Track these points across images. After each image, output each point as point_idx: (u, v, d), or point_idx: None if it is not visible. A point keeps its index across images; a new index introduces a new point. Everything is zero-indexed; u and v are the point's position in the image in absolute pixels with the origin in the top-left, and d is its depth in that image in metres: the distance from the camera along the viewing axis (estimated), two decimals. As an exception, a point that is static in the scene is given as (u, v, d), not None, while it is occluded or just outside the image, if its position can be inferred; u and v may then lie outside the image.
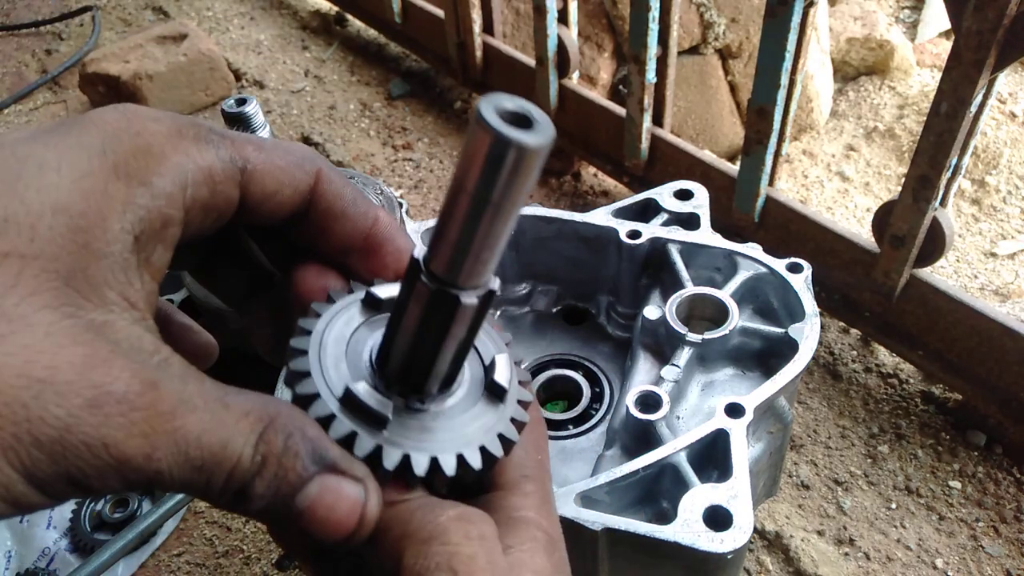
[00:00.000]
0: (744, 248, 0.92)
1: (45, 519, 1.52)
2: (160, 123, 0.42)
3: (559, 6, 1.98)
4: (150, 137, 0.41)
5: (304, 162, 0.48)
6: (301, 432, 0.41)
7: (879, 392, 1.67)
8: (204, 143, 0.43)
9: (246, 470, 0.39)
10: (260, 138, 0.48)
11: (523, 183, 0.37)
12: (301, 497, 0.40)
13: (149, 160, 0.40)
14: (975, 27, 1.21)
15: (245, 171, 0.45)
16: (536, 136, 0.35)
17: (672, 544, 0.67)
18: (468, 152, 0.36)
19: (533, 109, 0.37)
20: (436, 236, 0.40)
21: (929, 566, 1.40)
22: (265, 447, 0.40)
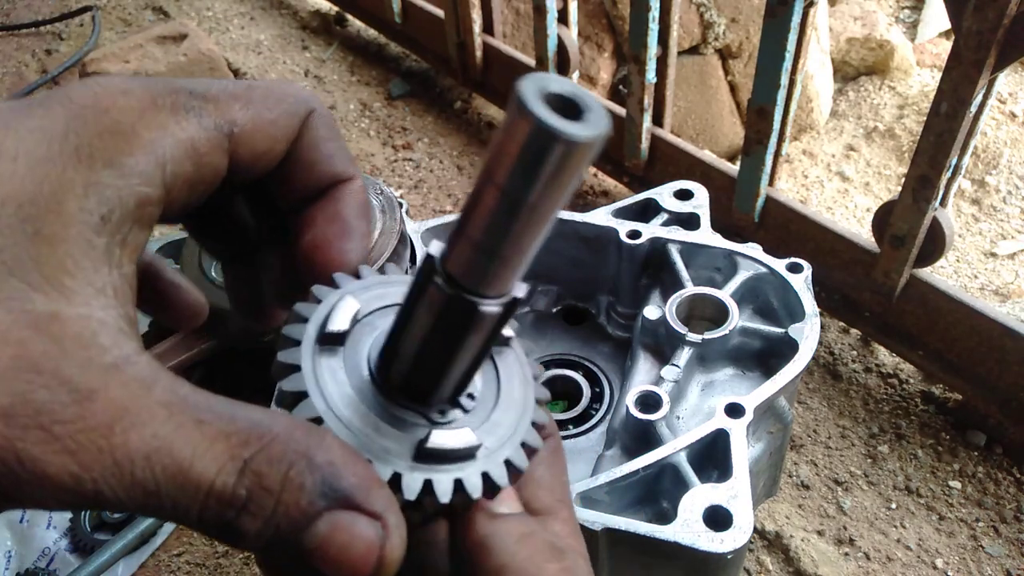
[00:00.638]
0: (744, 248, 0.93)
1: (45, 519, 1.52)
2: (131, 96, 0.38)
3: (559, 6, 1.98)
4: (119, 114, 0.37)
5: (296, 106, 0.43)
6: (307, 460, 0.34)
7: (879, 392, 1.67)
8: (184, 112, 0.39)
9: (226, 504, 0.33)
10: (246, 85, 0.43)
11: (567, 182, 0.32)
12: (308, 536, 0.34)
13: (118, 140, 0.37)
14: (975, 27, 1.21)
15: (232, 135, 0.41)
16: (587, 128, 0.29)
17: (672, 544, 0.67)
18: (503, 140, 0.30)
19: (584, 94, 0.31)
20: (457, 233, 0.34)
21: (929, 566, 1.40)
22: (254, 479, 0.33)
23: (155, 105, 0.38)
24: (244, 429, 0.34)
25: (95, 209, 0.35)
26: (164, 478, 0.33)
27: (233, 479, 0.33)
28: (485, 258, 0.34)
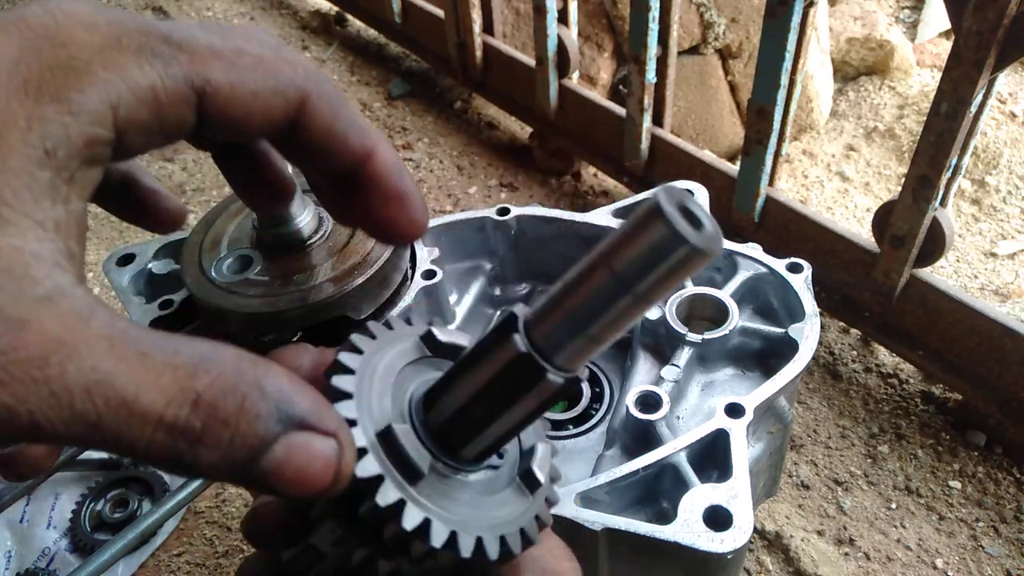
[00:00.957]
0: (744, 248, 0.92)
1: (45, 519, 1.52)
2: (94, 32, 0.36)
3: (559, 6, 1.98)
4: (76, 49, 0.36)
5: (287, 89, 0.41)
6: (259, 388, 0.35)
7: (879, 392, 1.67)
8: (150, 56, 0.37)
9: (179, 435, 0.33)
10: (237, 48, 0.41)
11: (672, 284, 0.34)
12: (265, 460, 0.34)
13: (69, 75, 0.35)
14: (975, 27, 1.21)
15: (205, 93, 0.39)
16: (706, 241, 0.33)
17: (672, 544, 0.67)
18: (632, 233, 0.33)
19: (710, 219, 0.34)
20: (552, 302, 0.36)
21: (929, 566, 1.40)
22: (208, 410, 0.33)
23: (119, 44, 0.37)
24: (190, 362, 0.34)
25: (38, 143, 0.34)
26: (107, 410, 0.32)
27: (186, 411, 0.33)
28: (572, 329, 0.36)
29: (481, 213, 0.98)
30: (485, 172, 2.36)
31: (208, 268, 0.81)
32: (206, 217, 0.89)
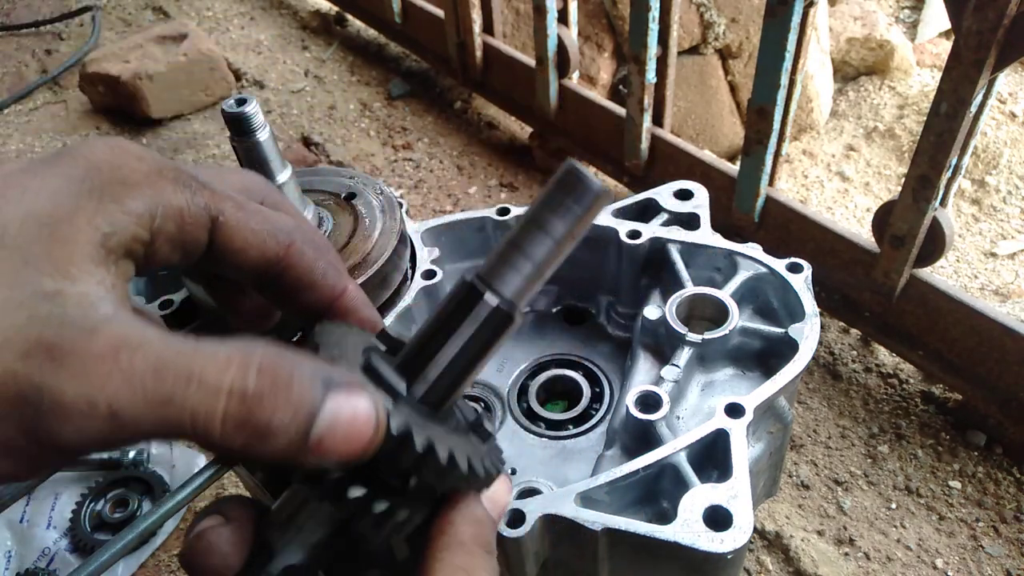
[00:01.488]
0: (744, 248, 0.92)
1: (45, 519, 1.52)
2: (143, 162, 0.47)
3: (559, 6, 1.98)
4: (129, 172, 0.46)
5: (279, 234, 0.52)
6: (301, 361, 0.42)
7: (879, 392, 1.67)
8: (181, 186, 0.48)
9: (248, 399, 0.39)
10: (246, 202, 0.51)
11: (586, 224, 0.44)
12: (319, 422, 0.40)
13: (124, 187, 0.45)
14: (975, 27, 1.21)
15: (217, 221, 0.49)
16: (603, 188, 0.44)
17: (672, 544, 0.67)
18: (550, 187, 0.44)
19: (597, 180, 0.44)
20: (496, 253, 0.46)
21: (929, 566, 1.40)
22: (268, 377, 0.40)
23: (160, 173, 0.47)
24: (239, 345, 0.41)
25: (100, 227, 0.43)
26: (177, 386, 0.38)
27: (252, 377, 0.39)
28: (508, 265, 0.46)
29: (481, 213, 0.98)
30: (485, 172, 2.36)
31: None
32: (206, 217, 0.89)
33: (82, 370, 0.37)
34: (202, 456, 1.62)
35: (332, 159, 2.44)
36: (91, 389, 0.37)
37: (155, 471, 1.58)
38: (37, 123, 2.70)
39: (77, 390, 0.37)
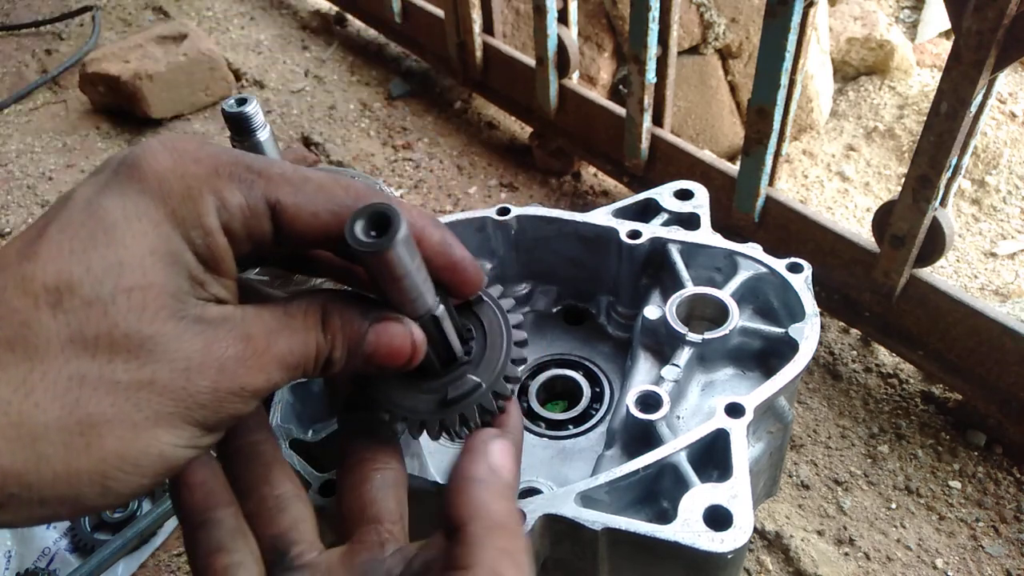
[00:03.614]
0: (744, 248, 0.92)
1: (45, 519, 1.52)
2: (201, 164, 0.50)
3: (559, 6, 1.98)
4: (192, 180, 0.50)
5: (340, 207, 0.54)
6: (348, 305, 0.55)
7: (879, 392, 1.67)
8: (238, 182, 0.51)
9: (323, 350, 0.54)
10: (304, 177, 0.54)
11: (407, 257, 0.51)
12: (366, 344, 0.54)
13: (194, 204, 0.49)
14: (975, 27, 1.21)
15: (276, 208, 0.52)
16: (393, 232, 0.48)
17: (672, 544, 0.67)
18: (365, 268, 0.52)
19: (382, 207, 0.50)
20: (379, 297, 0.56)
21: (929, 566, 1.40)
22: (331, 331, 0.54)
23: (217, 173, 0.51)
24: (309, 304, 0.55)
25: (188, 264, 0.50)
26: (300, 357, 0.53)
27: (322, 336, 0.54)
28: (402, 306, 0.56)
29: (481, 213, 0.98)
30: (485, 172, 2.36)
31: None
32: (206, 217, 0.88)
33: (257, 363, 0.51)
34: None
35: (332, 159, 2.44)
36: (265, 373, 0.52)
37: (155, 471, 1.58)
38: (37, 123, 2.70)
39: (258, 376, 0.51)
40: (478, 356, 0.62)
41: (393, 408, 0.61)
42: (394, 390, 0.61)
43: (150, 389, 0.46)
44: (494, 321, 0.63)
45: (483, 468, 0.53)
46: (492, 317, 0.64)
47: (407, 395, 0.61)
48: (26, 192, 2.39)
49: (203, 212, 0.49)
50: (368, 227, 0.50)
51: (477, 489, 0.52)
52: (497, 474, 0.53)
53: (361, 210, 0.50)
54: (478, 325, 0.63)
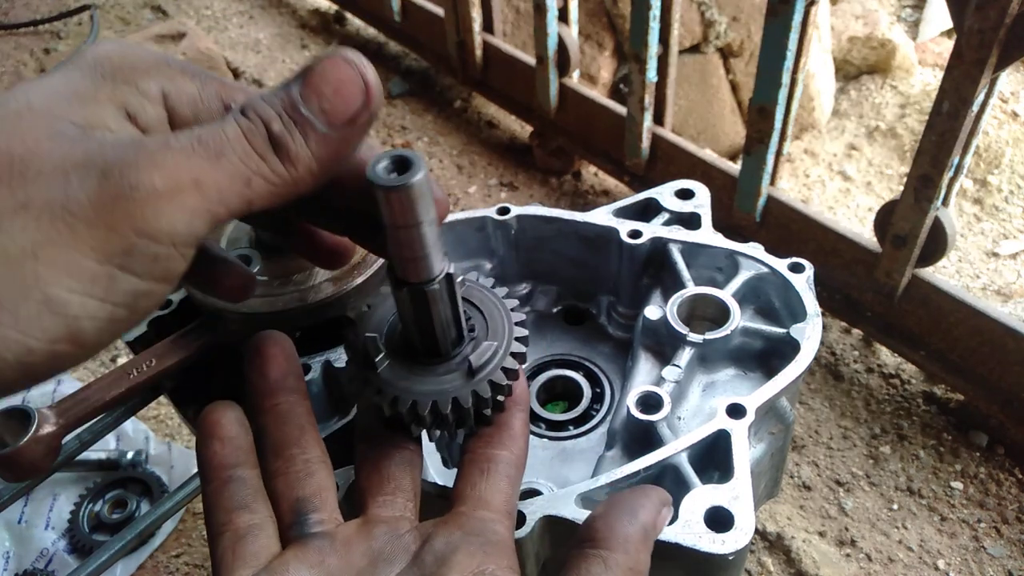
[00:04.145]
0: (745, 248, 0.92)
1: (44, 520, 1.52)
2: (150, 54, 0.48)
3: (559, 4, 1.98)
4: (138, 60, 0.47)
5: None
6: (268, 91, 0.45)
7: (881, 393, 1.67)
8: (190, 76, 0.48)
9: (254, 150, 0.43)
10: (260, 91, 0.47)
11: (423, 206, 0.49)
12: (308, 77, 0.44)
13: (135, 72, 0.46)
14: (977, 26, 1.20)
15: (230, 109, 0.46)
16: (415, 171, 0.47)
17: (673, 545, 0.66)
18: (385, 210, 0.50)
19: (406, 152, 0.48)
20: (397, 259, 0.54)
21: (931, 567, 1.39)
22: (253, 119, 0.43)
23: (168, 64, 0.48)
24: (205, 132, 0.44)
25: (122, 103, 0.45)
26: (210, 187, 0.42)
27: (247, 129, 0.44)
28: (413, 263, 0.53)
29: (481, 213, 0.98)
30: (485, 171, 2.36)
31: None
32: (204, 216, 0.88)
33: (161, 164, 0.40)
34: (201, 456, 1.62)
35: (332, 158, 2.43)
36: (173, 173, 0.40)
37: (153, 472, 1.58)
38: (36, 122, 2.69)
39: (162, 178, 0.39)
40: (482, 330, 0.63)
41: (417, 397, 0.59)
42: (411, 381, 0.60)
43: (25, 212, 0.37)
44: (484, 298, 0.65)
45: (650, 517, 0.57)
46: (481, 295, 0.65)
47: (426, 381, 0.60)
48: (25, 191, 2.38)
49: (144, 80, 0.46)
50: (391, 167, 0.49)
51: (637, 532, 0.55)
52: (655, 532, 0.58)
53: (384, 153, 0.49)
54: (471, 305, 0.64)
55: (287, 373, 0.60)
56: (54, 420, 0.66)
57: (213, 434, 0.55)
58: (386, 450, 0.60)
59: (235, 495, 0.53)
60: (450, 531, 0.54)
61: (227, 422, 0.56)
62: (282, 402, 0.59)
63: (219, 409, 0.57)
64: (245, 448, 0.56)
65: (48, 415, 0.66)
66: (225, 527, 0.52)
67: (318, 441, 0.59)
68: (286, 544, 0.53)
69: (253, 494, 0.54)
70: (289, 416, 0.58)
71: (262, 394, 0.58)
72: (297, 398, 0.60)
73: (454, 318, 0.59)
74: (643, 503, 0.55)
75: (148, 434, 1.66)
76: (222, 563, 0.51)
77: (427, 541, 0.54)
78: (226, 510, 0.53)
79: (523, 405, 0.64)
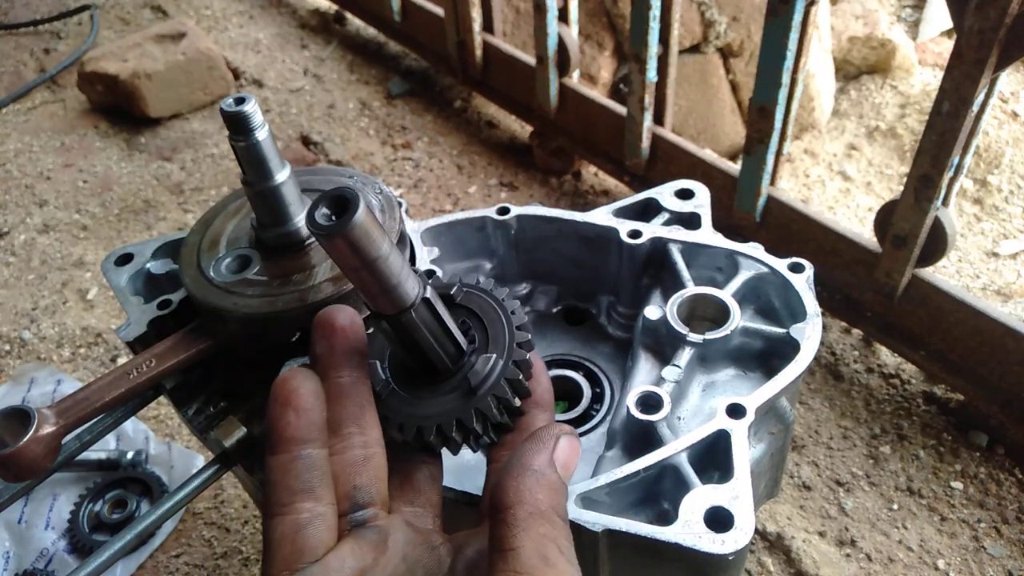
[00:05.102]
0: (745, 248, 0.92)
1: (44, 520, 1.52)
2: None
3: (559, 4, 1.98)
4: None
5: None
6: None
7: (881, 393, 1.66)
8: None
9: None
10: None
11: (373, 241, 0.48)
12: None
13: None
14: (977, 26, 1.20)
15: None
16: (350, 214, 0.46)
17: (673, 545, 0.66)
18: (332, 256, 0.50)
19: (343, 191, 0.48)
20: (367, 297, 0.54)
21: (931, 567, 1.39)
22: None
23: None
24: None
25: None
26: None
27: None
28: (381, 297, 0.52)
29: (481, 212, 0.98)
30: (485, 171, 2.36)
31: (207, 268, 0.81)
32: (204, 217, 0.88)
33: None
34: (200, 457, 1.62)
35: (331, 158, 2.43)
36: None
37: (153, 472, 1.58)
38: (35, 122, 2.69)
39: None
40: (483, 340, 0.60)
41: (422, 422, 0.58)
42: (415, 406, 0.58)
43: None
44: (484, 304, 0.62)
45: (542, 460, 0.53)
46: (481, 302, 0.63)
47: (430, 404, 0.58)
48: (24, 192, 2.38)
49: None
50: (329, 212, 0.48)
51: (529, 478, 0.51)
52: (554, 469, 0.53)
53: (323, 194, 0.48)
54: (470, 314, 0.62)
55: (354, 349, 0.58)
56: (54, 420, 0.66)
57: (289, 403, 0.54)
58: (415, 463, 0.60)
59: (301, 476, 0.52)
60: (480, 540, 0.55)
61: (306, 392, 0.54)
62: (345, 377, 0.57)
63: (298, 376, 0.55)
64: (319, 424, 0.54)
65: (48, 415, 0.66)
66: (287, 510, 0.51)
67: (377, 423, 0.58)
68: (340, 531, 0.53)
69: (320, 478, 0.53)
70: (351, 392, 0.57)
71: (326, 365, 0.57)
72: (360, 376, 0.58)
73: (445, 335, 0.57)
74: (529, 448, 0.54)
75: (148, 434, 1.66)
76: (278, 552, 0.50)
77: (459, 551, 0.55)
78: (290, 491, 0.52)
79: (545, 405, 0.63)
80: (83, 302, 2.00)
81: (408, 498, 0.59)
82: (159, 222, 2.25)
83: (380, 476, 0.56)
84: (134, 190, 2.37)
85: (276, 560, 0.50)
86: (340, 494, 0.54)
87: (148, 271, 0.93)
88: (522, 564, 0.47)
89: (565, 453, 0.55)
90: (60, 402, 0.69)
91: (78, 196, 2.36)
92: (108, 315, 1.96)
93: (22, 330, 1.92)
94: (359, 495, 0.54)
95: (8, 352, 1.87)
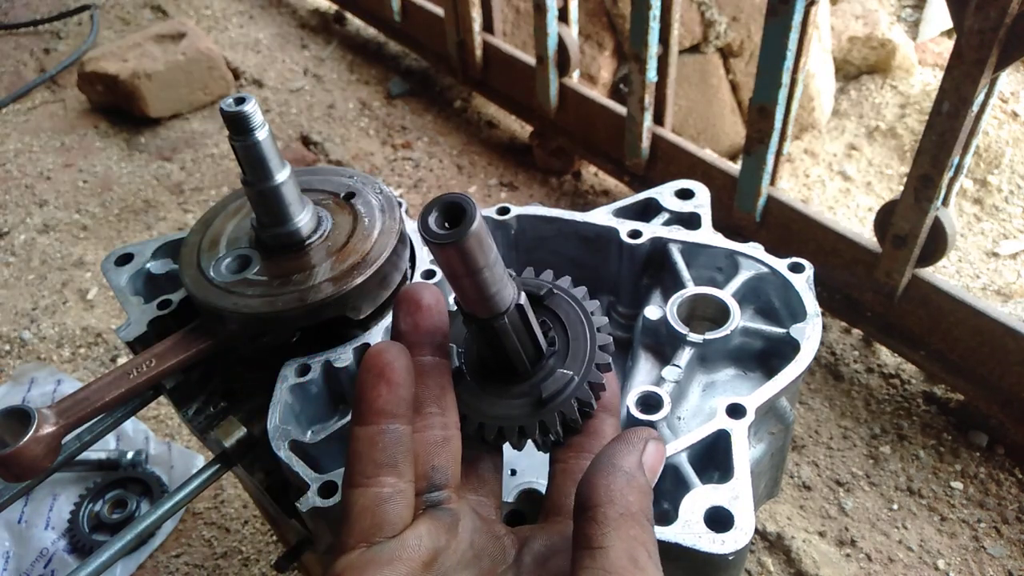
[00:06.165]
0: (745, 248, 0.92)
1: (44, 520, 1.52)
2: None
3: (559, 4, 1.98)
4: None
5: None
6: None
7: (881, 393, 1.67)
8: None
9: None
10: None
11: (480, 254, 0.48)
12: None
13: None
14: (977, 26, 1.20)
15: None
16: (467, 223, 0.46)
17: (673, 545, 0.66)
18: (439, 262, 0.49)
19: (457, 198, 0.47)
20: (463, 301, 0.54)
21: (931, 567, 1.39)
22: None
23: None
24: None
25: None
26: None
27: None
28: (478, 304, 0.53)
29: (481, 212, 0.98)
30: (485, 171, 2.36)
31: (207, 268, 0.81)
32: (204, 217, 0.88)
33: None
34: (200, 456, 1.62)
35: (331, 158, 2.43)
36: None
37: (153, 472, 1.58)
38: (35, 122, 2.69)
39: None
40: (563, 348, 0.60)
41: (486, 420, 0.57)
42: (483, 401, 0.58)
43: None
44: (571, 312, 0.61)
45: (632, 461, 0.53)
46: (567, 308, 0.61)
47: (497, 403, 0.58)
48: (24, 191, 2.38)
49: None
50: (441, 219, 0.47)
51: (620, 479, 0.51)
52: (643, 472, 0.53)
53: (434, 201, 0.47)
54: (554, 318, 0.61)
55: (437, 329, 0.58)
56: (54, 420, 0.66)
57: (383, 375, 0.53)
58: (479, 453, 0.61)
59: (387, 450, 0.52)
60: (549, 535, 0.55)
61: (400, 367, 0.54)
62: (428, 356, 0.57)
63: (393, 350, 0.55)
64: (407, 400, 0.54)
65: (48, 415, 0.66)
66: (370, 482, 0.52)
67: (455, 407, 0.58)
68: (415, 509, 0.53)
69: (404, 454, 0.53)
70: (433, 372, 0.57)
71: (410, 343, 0.57)
72: (442, 357, 0.58)
73: (530, 340, 0.57)
74: (620, 450, 0.53)
75: (148, 434, 1.66)
76: (357, 524, 0.51)
77: (525, 544, 0.55)
78: (375, 464, 0.52)
79: (613, 410, 0.63)
80: (83, 302, 2.00)
81: (473, 486, 0.59)
82: (159, 222, 2.25)
83: (456, 459, 0.57)
84: (134, 190, 2.37)
85: (355, 531, 0.51)
86: (418, 473, 0.55)
87: (148, 271, 0.93)
88: (611, 563, 0.47)
89: (652, 457, 0.55)
90: (60, 402, 0.69)
91: (78, 196, 2.36)
92: (108, 315, 1.96)
93: (22, 330, 1.92)
94: (436, 476, 0.55)
95: (8, 352, 1.87)
